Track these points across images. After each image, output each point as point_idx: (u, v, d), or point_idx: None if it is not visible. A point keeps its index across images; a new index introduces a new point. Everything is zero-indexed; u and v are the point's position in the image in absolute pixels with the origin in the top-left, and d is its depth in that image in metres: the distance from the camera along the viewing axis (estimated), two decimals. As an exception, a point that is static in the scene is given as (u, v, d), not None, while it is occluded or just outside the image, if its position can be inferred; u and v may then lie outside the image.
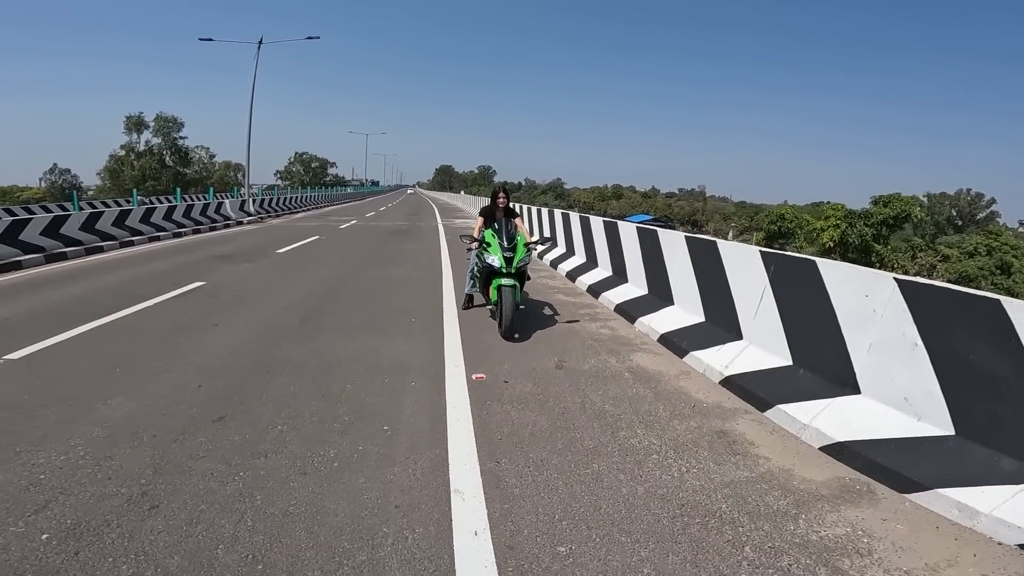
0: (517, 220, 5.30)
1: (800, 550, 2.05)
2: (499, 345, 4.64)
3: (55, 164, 72.51)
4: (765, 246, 29.89)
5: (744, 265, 3.98)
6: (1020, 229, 65.88)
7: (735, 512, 2.29)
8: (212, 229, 16.10)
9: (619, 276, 6.58)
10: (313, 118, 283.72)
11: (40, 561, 1.88)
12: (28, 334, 4.65)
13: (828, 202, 30.02)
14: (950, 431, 2.46)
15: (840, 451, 2.76)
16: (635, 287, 6.02)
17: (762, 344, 3.72)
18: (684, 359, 4.31)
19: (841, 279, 3.14)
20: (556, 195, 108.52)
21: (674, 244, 5.16)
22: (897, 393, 2.71)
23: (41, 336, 4.60)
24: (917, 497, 2.38)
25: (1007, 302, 2.27)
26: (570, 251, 8.99)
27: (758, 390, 3.44)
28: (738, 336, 3.98)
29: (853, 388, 2.95)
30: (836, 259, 26.20)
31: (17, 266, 8.88)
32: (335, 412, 3.22)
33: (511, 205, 5.55)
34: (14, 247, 9.53)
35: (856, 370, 2.95)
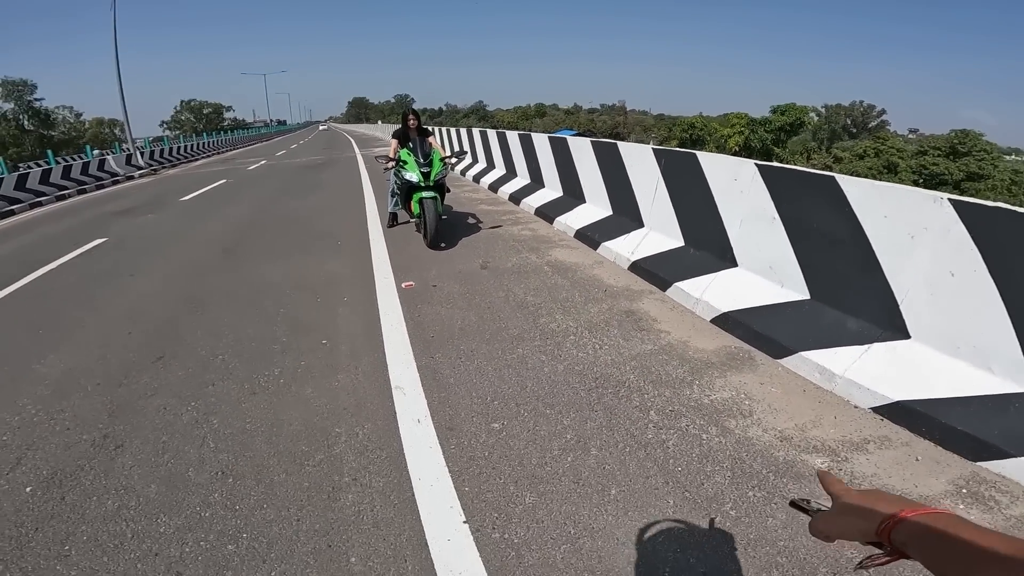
0: (431, 139, 5.52)
1: (695, 412, 2.38)
2: (426, 254, 4.89)
3: None
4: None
5: (640, 161, 4.35)
6: (909, 135, 72.15)
7: (641, 381, 2.66)
8: (100, 187, 14.55)
9: (536, 183, 6.88)
10: (199, 63, 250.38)
11: (33, 510, 1.97)
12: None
13: (736, 113, 31.63)
14: (806, 295, 2.93)
15: (726, 321, 3.20)
16: (551, 191, 6.36)
17: (660, 229, 4.18)
18: (597, 250, 4.76)
19: (715, 166, 3.55)
20: (479, 118, 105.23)
21: (582, 148, 5.46)
22: (764, 262, 3.20)
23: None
24: (787, 361, 2.73)
25: (840, 178, 2.72)
26: (490, 165, 9.14)
27: (659, 271, 3.92)
28: (640, 224, 4.43)
29: (731, 261, 3.45)
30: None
31: None
32: (273, 333, 3.39)
33: (423, 126, 5.69)
34: None
35: (732, 244, 3.43)
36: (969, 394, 2.13)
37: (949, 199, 2.22)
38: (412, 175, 5.03)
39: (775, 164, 3.19)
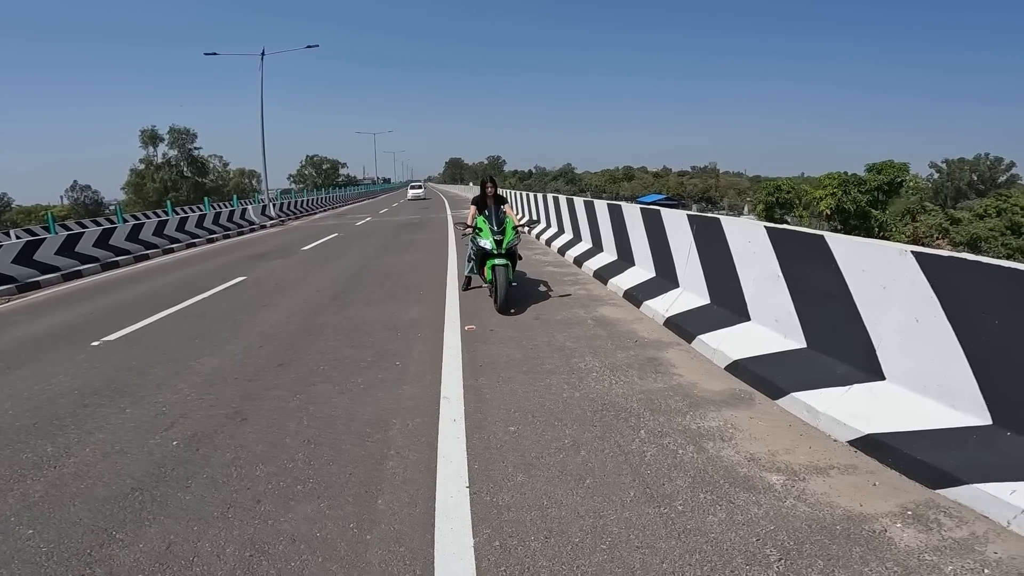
0: (505, 206, 5.94)
1: (680, 434, 2.85)
2: (489, 308, 5.69)
3: (75, 181, 75.15)
4: (764, 218, 30.47)
5: (678, 226, 4.95)
6: (1045, 191, 64.77)
7: (642, 409, 3.19)
8: (240, 233, 17.45)
9: (596, 247, 7.63)
10: (321, 119, 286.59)
11: (174, 457, 2.89)
12: (116, 322, 5.86)
13: (828, 173, 30.51)
14: (803, 344, 3.35)
15: (736, 368, 3.64)
16: (608, 255, 7.05)
17: (692, 289, 4.70)
18: (640, 308, 5.31)
19: (734, 229, 4.10)
20: (567, 180, 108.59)
21: (633, 215, 6.15)
22: (771, 316, 3.65)
23: (128, 322, 5.81)
24: (782, 401, 3.13)
25: (828, 237, 3.20)
26: (560, 230, 10.02)
27: (686, 326, 4.42)
28: (676, 284, 4.97)
29: (745, 316, 3.92)
30: (835, 226, 26.72)
31: (79, 275, 10.24)
32: (363, 356, 4.33)
33: (499, 192, 6.16)
34: (72, 259, 10.90)
35: (747, 300, 3.91)
36: (933, 427, 2.45)
37: (912, 251, 2.62)
38: (486, 242, 5.36)
39: (780, 227, 3.70)
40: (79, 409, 3.58)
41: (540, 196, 11.94)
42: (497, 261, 5.32)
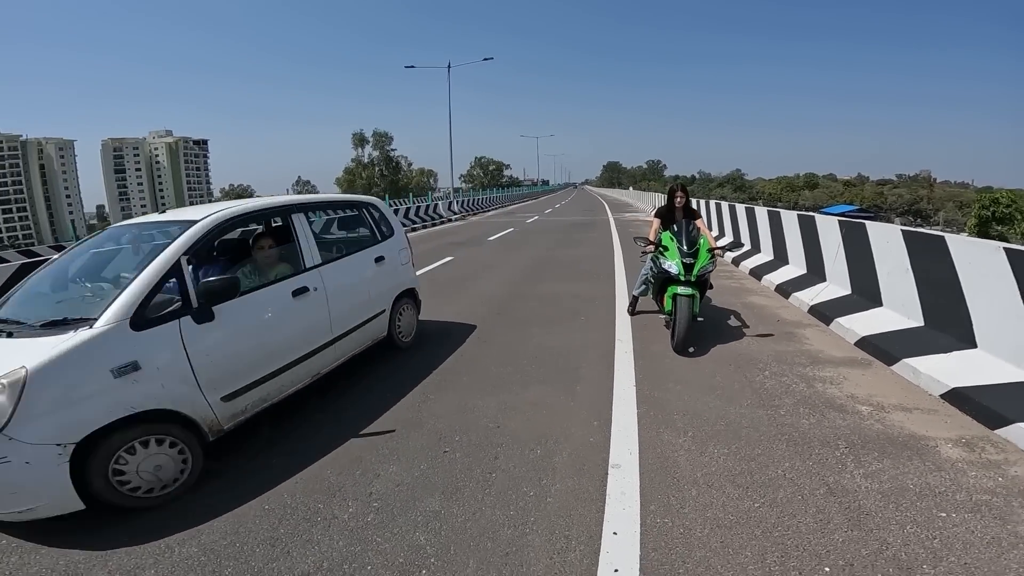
0: (699, 221, 4.94)
1: (799, 377, 3.81)
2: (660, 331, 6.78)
3: (299, 176, 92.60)
4: (977, 233, 25.86)
5: (828, 230, 5.69)
6: None
7: (772, 361, 4.21)
8: (434, 224, 20.89)
9: (780, 260, 8.28)
10: (487, 123, 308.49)
11: (444, 364, 4.58)
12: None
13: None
14: (921, 323, 4.08)
15: (863, 343, 4.42)
16: (765, 255, 7.76)
17: (837, 282, 5.43)
18: (788, 299, 6.11)
19: (876, 233, 4.79)
20: (735, 187, 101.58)
21: (790, 221, 6.88)
22: (898, 302, 4.36)
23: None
24: (896, 367, 3.89)
25: (949, 238, 3.88)
26: (735, 237, 10.53)
27: (827, 311, 5.19)
28: (823, 279, 5.72)
29: (877, 302, 4.63)
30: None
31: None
32: (559, 313, 5.95)
33: (691, 204, 5.28)
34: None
35: (881, 289, 4.62)
36: (1004, 382, 3.15)
37: (1004, 248, 3.32)
38: (672, 265, 4.45)
39: (913, 230, 4.37)
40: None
41: (727, 206, 10.75)
42: (682, 290, 4.39)
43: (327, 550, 2.22)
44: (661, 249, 4.66)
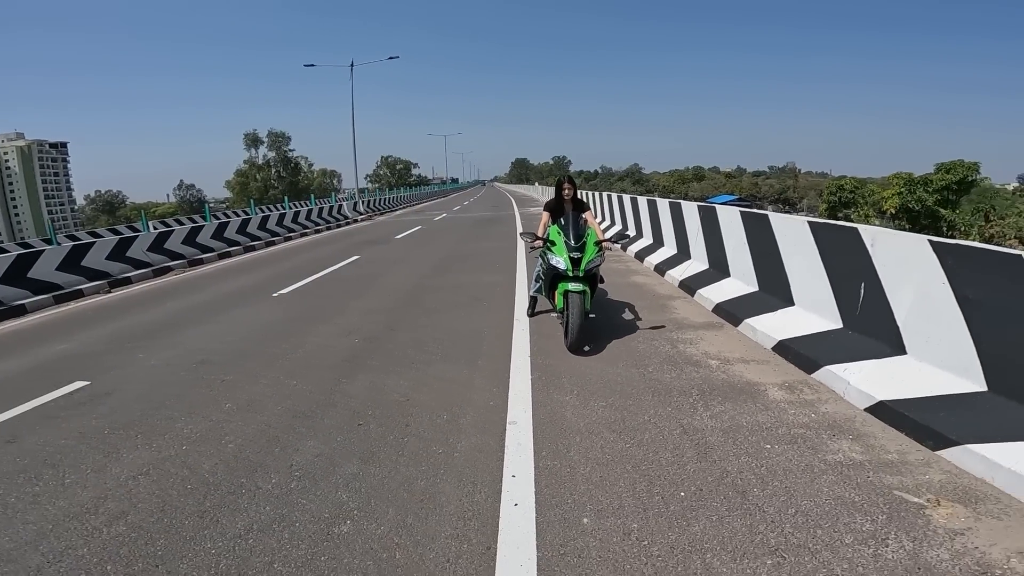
0: (587, 214, 4.89)
1: (665, 342, 4.53)
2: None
3: (181, 180, 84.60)
4: (827, 216, 30.17)
5: (691, 215, 6.65)
6: None
7: (647, 329, 4.94)
8: (339, 225, 20.39)
9: (652, 240, 9.25)
10: (393, 121, 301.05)
11: (361, 347, 4.86)
12: (281, 284, 8.21)
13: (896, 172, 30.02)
14: (756, 288, 4.99)
15: (718, 309, 5.30)
16: (647, 240, 8.71)
17: (699, 259, 6.37)
18: (663, 276, 7.00)
19: (724, 215, 5.72)
20: (634, 181, 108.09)
21: (664, 208, 7.85)
22: (740, 272, 5.28)
23: (290, 284, 8.17)
24: (740, 327, 4.75)
25: (772, 216, 4.80)
26: (624, 225, 11.58)
27: (691, 285, 6.09)
28: (688, 257, 6.67)
29: (727, 274, 5.56)
30: (902, 225, 26.23)
31: (228, 255, 13.13)
32: (463, 300, 6.36)
33: (579, 196, 5.20)
34: (222, 241, 13.88)
35: (728, 263, 5.54)
36: (813, 332, 4.01)
37: (808, 221, 4.22)
38: (559, 260, 4.39)
39: (748, 210, 5.30)
40: (290, 327, 5.76)
41: (615, 197, 11.62)
42: (572, 286, 4.32)
43: (255, 515, 2.44)
44: (549, 244, 4.61)
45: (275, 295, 7.48)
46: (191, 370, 4.49)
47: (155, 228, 15.15)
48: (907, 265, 3.12)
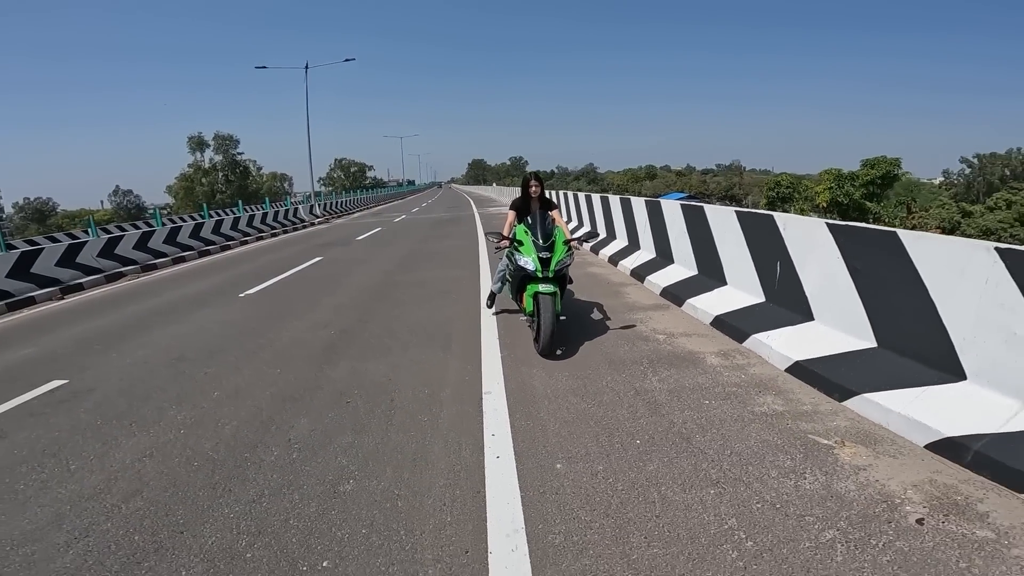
0: (554, 213, 4.85)
1: (618, 321, 5.13)
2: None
3: (117, 186, 79.53)
4: (767, 210, 32.21)
5: (639, 209, 7.23)
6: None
7: (604, 312, 5.46)
8: (295, 229, 20.12)
9: (606, 234, 9.82)
10: (348, 124, 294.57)
11: (336, 338, 5.15)
12: (246, 285, 8.30)
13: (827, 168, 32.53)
14: (695, 272, 5.59)
15: (664, 293, 5.88)
16: (603, 234, 9.29)
17: (647, 249, 6.96)
18: (616, 266, 7.56)
19: (667, 208, 6.31)
20: (589, 180, 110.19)
21: (616, 204, 8.41)
22: (682, 259, 5.87)
23: (255, 284, 8.26)
24: (684, 307, 5.37)
25: (707, 208, 5.40)
26: (580, 222, 12.18)
27: (641, 272, 6.66)
28: (638, 248, 7.25)
29: (671, 261, 6.14)
30: (833, 217, 28.44)
31: (182, 260, 12.89)
32: (430, 293, 6.69)
33: (546, 195, 5.13)
34: (175, 246, 13.58)
35: (672, 251, 6.13)
36: (743, 306, 4.62)
37: (735, 211, 4.82)
38: (528, 261, 4.24)
39: (688, 203, 5.89)
40: (263, 324, 5.95)
41: (584, 196, 11.24)
42: (543, 288, 4.15)
43: (264, 483, 2.73)
44: (516, 244, 4.43)
45: (242, 295, 7.56)
46: (170, 365, 4.65)
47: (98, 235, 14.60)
48: (811, 244, 3.73)
